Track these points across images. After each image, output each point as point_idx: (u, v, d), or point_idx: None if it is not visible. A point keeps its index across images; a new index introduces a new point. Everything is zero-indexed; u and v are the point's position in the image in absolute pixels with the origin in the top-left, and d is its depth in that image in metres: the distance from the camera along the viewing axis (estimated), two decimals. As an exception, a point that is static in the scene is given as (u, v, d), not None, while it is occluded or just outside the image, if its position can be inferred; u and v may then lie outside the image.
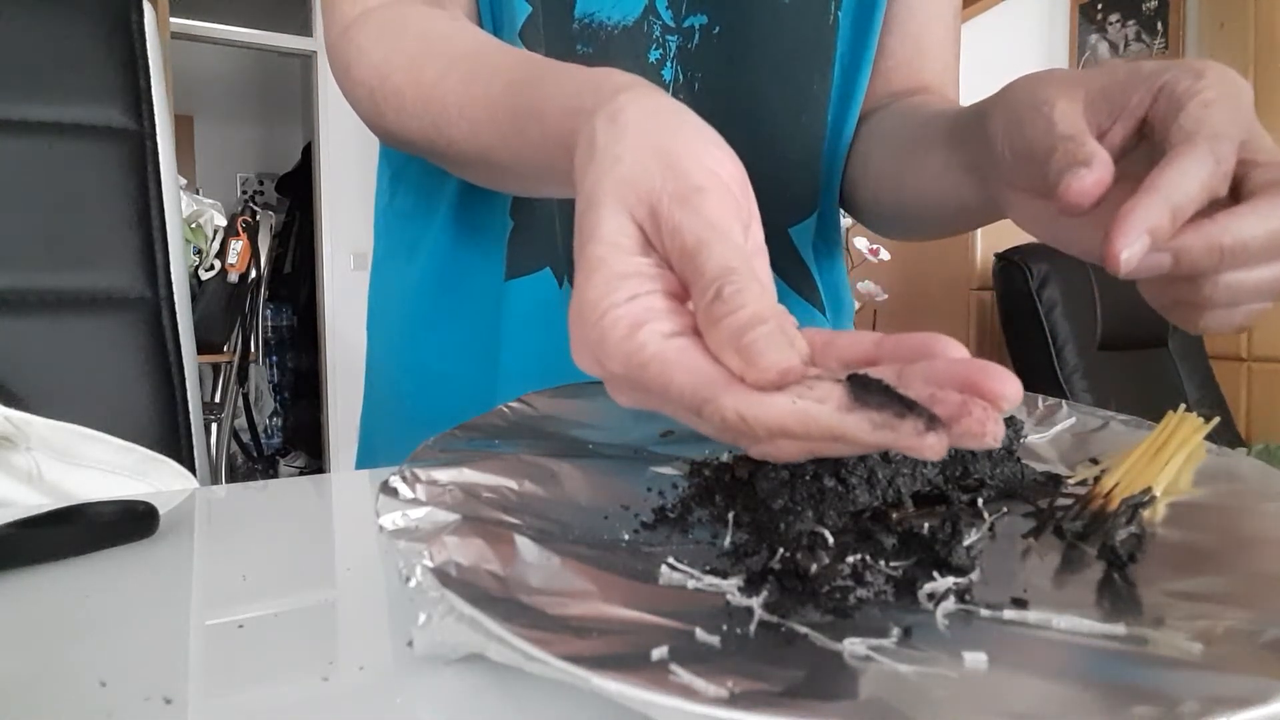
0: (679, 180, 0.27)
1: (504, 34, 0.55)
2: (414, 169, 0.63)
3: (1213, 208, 0.32)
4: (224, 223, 3.05)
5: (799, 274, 0.65)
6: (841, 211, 0.68)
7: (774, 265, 0.32)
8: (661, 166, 0.28)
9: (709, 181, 0.28)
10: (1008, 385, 0.23)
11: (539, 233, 0.58)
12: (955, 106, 0.55)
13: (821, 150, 0.63)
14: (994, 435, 0.22)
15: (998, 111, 0.40)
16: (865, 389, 0.23)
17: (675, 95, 0.46)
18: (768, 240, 0.31)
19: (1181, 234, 0.31)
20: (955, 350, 0.25)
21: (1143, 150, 0.35)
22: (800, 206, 0.64)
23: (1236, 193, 0.32)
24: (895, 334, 0.27)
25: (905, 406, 0.22)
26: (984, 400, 0.23)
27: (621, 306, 0.26)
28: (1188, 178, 0.31)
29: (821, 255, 0.67)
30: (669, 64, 0.58)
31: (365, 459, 0.68)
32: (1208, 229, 0.31)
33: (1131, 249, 0.30)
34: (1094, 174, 0.31)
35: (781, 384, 0.24)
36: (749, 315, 0.24)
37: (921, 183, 0.53)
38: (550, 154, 0.36)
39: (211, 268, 3.01)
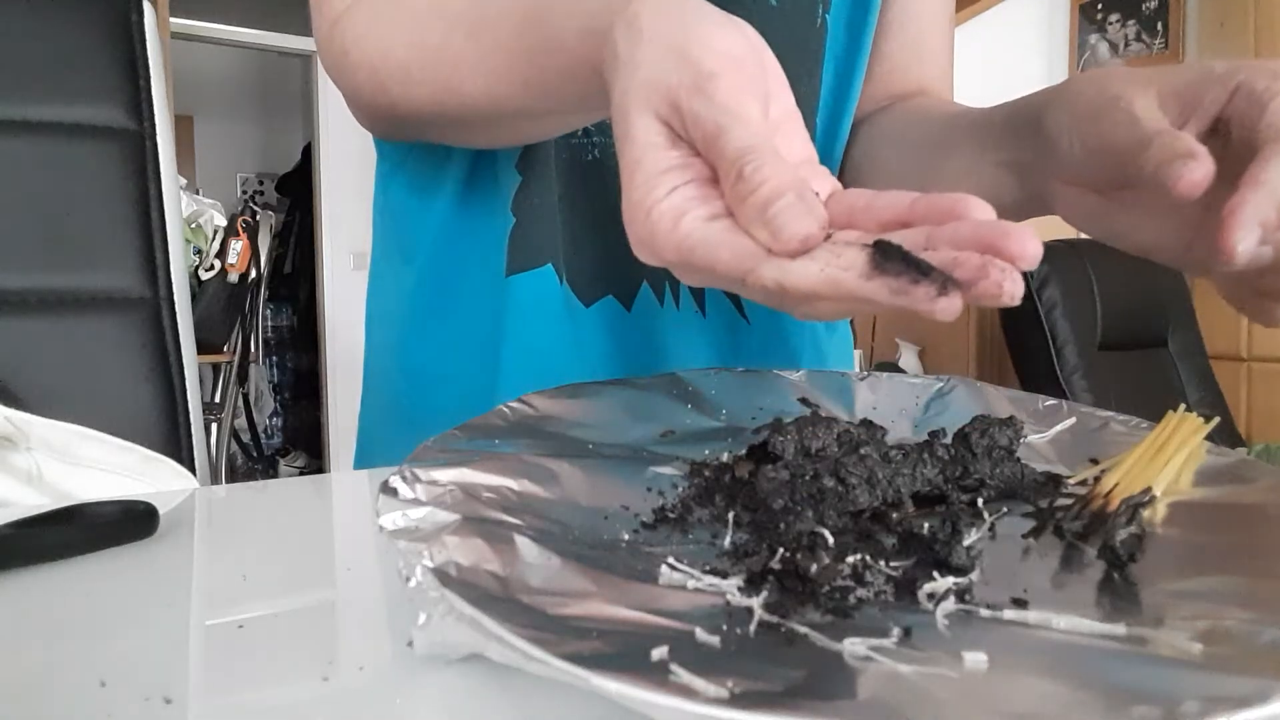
0: (692, 70, 0.29)
1: None
2: (411, 163, 0.62)
3: None
4: (224, 223, 3.05)
5: None
6: None
7: None
8: (676, 61, 0.30)
9: (721, 65, 0.29)
10: (1027, 246, 0.24)
11: (541, 228, 0.58)
12: (973, 107, 0.56)
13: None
14: (1010, 294, 0.24)
15: (1059, 108, 0.40)
16: (886, 256, 0.25)
17: None
18: None
19: None
20: (982, 212, 0.27)
21: (1213, 147, 0.34)
22: None
23: None
24: (929, 194, 0.28)
25: (921, 273, 0.24)
26: (1003, 261, 0.24)
27: (664, 201, 0.28)
28: None
29: None
30: None
31: (363, 459, 0.68)
32: None
33: (1246, 241, 0.31)
34: (1203, 166, 0.32)
35: (806, 249, 0.26)
36: (769, 191, 0.26)
37: (946, 182, 0.53)
38: (580, 82, 0.37)
39: (211, 268, 3.02)
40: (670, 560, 0.28)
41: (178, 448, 0.70)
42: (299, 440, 4.61)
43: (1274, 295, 0.35)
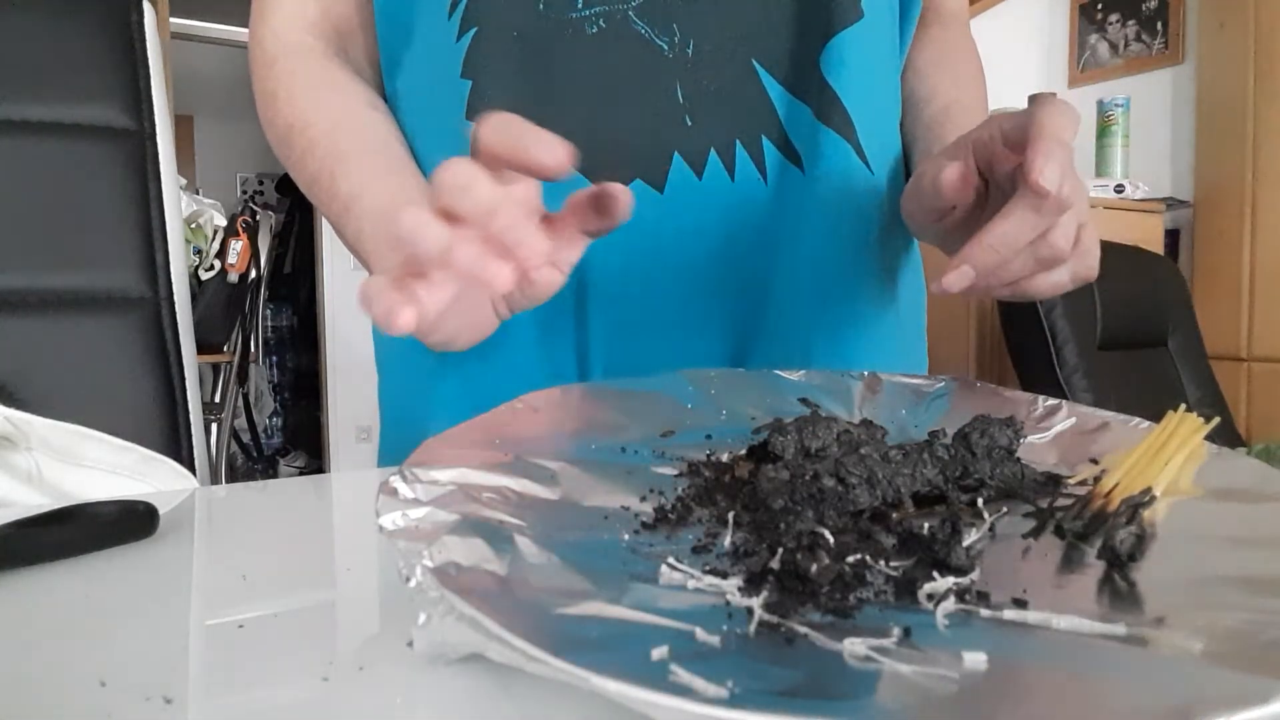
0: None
1: None
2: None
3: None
4: (224, 223, 3.05)
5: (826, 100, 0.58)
6: None
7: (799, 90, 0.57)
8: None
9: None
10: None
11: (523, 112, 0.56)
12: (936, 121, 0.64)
13: None
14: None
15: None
16: None
17: None
18: (800, 63, 0.56)
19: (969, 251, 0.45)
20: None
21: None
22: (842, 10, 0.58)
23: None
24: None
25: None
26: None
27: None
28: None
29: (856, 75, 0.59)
30: None
31: (390, 420, 0.67)
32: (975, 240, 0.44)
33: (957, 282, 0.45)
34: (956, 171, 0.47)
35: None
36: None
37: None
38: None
39: (211, 268, 3.01)
40: (670, 560, 0.28)
41: (178, 448, 0.70)
42: (299, 440, 4.61)
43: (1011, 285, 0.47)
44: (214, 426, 3.14)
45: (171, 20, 3.28)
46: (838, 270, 0.59)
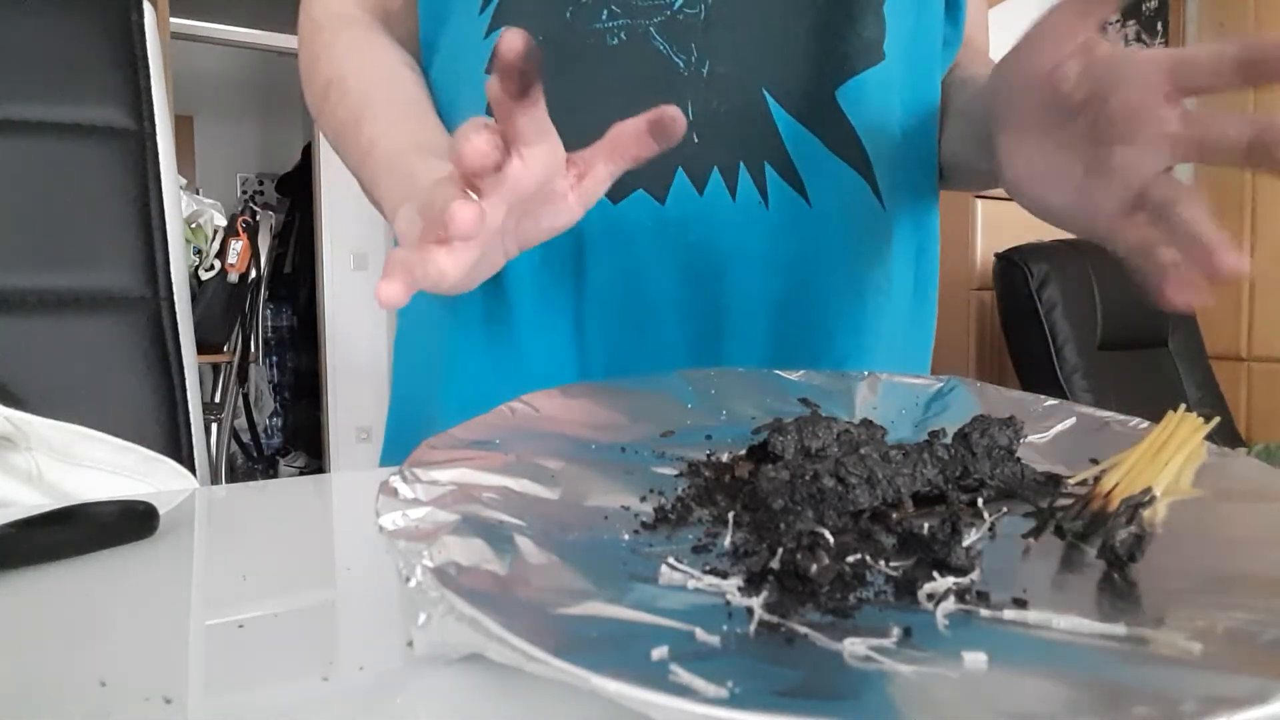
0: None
1: None
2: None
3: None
4: (224, 223, 3.05)
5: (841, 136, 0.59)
6: None
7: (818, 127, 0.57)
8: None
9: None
10: None
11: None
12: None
13: None
14: None
15: (1002, 65, 0.47)
16: None
17: None
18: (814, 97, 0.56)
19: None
20: None
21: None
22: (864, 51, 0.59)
23: None
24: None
25: None
26: None
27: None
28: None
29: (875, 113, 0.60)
30: None
31: (398, 416, 0.68)
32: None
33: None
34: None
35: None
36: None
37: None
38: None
39: (211, 268, 3.01)
40: (670, 560, 0.28)
41: (178, 448, 0.70)
42: (299, 440, 4.61)
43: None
44: (214, 426, 3.14)
45: (171, 20, 3.28)
46: (837, 299, 0.60)
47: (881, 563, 0.28)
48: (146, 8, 0.77)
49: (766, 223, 0.58)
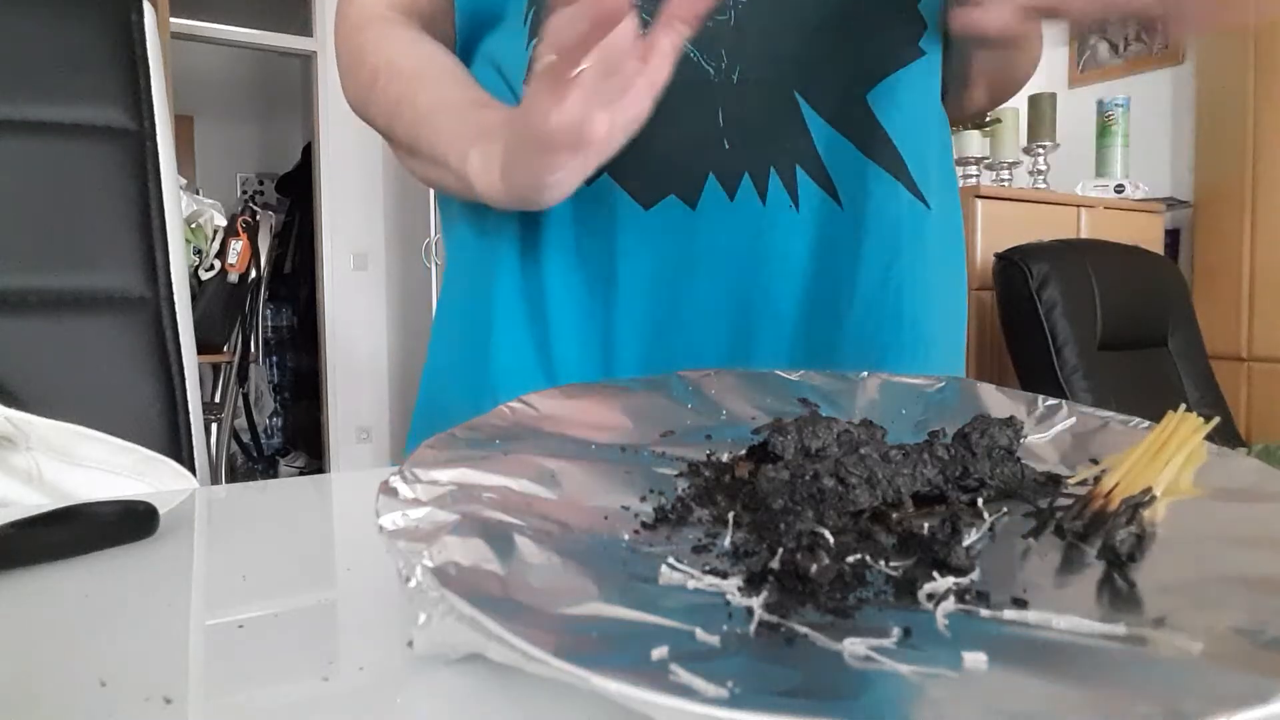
0: None
1: None
2: None
3: None
4: (224, 223, 3.05)
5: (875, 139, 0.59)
6: None
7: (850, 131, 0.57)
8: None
9: None
10: None
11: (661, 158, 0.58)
12: None
13: None
14: None
15: None
16: None
17: None
18: (847, 99, 0.57)
19: None
20: None
21: None
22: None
23: None
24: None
25: None
26: None
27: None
28: None
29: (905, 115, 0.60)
30: None
31: (426, 410, 0.68)
32: None
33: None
34: None
35: None
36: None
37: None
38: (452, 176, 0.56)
39: (211, 268, 3.02)
40: (670, 560, 0.28)
41: (178, 448, 0.70)
42: (299, 440, 4.61)
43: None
44: (214, 426, 3.14)
45: (171, 20, 3.28)
46: (870, 299, 0.60)
47: (881, 563, 0.28)
48: (146, 8, 0.77)
49: (797, 225, 0.58)
